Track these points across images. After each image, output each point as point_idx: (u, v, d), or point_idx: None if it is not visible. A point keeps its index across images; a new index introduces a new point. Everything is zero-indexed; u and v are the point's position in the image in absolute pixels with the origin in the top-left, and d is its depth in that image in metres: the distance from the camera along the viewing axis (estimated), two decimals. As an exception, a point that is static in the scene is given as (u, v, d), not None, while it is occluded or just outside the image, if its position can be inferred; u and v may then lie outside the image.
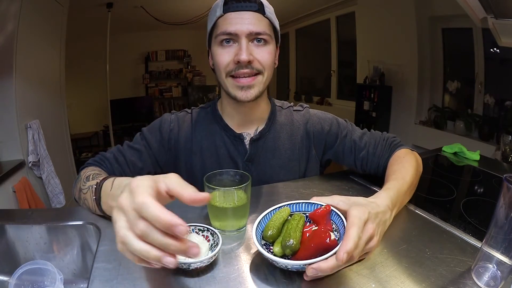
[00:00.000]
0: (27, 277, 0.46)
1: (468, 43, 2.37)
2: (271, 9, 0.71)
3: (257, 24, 0.66)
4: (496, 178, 0.87)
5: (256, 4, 0.67)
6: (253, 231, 0.45)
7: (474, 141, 2.36)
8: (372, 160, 0.75)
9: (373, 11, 3.17)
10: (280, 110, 0.81)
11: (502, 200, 0.38)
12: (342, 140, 0.78)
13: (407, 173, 0.64)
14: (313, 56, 4.77)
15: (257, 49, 0.67)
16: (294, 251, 0.43)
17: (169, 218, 0.31)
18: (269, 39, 0.68)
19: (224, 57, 0.67)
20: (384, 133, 0.79)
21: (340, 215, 0.46)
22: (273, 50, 0.70)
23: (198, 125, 0.77)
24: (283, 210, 0.49)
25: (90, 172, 0.62)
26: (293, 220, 0.46)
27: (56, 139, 2.29)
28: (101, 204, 0.54)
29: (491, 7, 1.56)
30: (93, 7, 3.26)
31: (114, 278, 0.43)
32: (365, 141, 0.77)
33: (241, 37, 0.65)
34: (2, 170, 1.57)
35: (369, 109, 3.20)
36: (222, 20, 0.66)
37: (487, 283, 0.41)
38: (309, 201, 0.51)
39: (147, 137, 0.75)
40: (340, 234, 0.45)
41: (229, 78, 0.68)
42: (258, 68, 0.67)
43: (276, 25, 0.72)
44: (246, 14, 0.66)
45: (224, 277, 0.43)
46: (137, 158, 0.73)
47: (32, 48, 1.85)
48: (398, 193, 0.57)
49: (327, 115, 0.83)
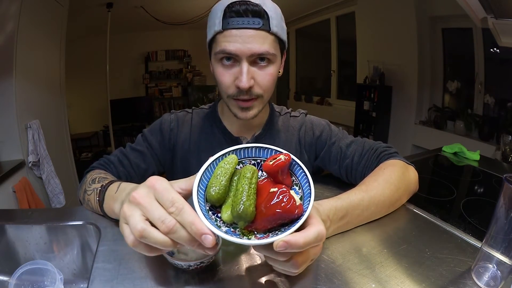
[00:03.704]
0: (27, 277, 0.46)
1: (468, 43, 2.37)
2: (279, 19, 0.62)
3: (261, 43, 0.59)
4: (496, 178, 0.88)
5: (261, 18, 0.59)
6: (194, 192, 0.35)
7: (474, 141, 2.36)
8: (356, 169, 0.69)
9: (373, 11, 3.17)
10: (278, 116, 0.81)
11: (502, 200, 0.38)
12: (330, 147, 0.75)
13: (379, 187, 0.56)
14: (313, 56, 4.77)
15: (259, 71, 0.62)
16: (249, 221, 0.34)
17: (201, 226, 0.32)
18: (273, 58, 0.63)
19: (225, 78, 0.63)
20: (378, 143, 0.72)
21: (302, 166, 0.38)
22: (276, 69, 0.65)
23: (197, 126, 0.78)
24: (228, 159, 0.38)
25: (96, 175, 0.62)
26: (244, 177, 0.36)
27: (56, 139, 2.29)
28: (103, 206, 0.54)
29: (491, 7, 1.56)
30: (93, 7, 3.26)
31: (114, 278, 0.43)
32: (352, 149, 0.71)
33: (242, 59, 0.59)
34: (2, 170, 1.57)
35: (369, 109, 3.20)
36: (221, 36, 0.60)
37: (487, 283, 0.41)
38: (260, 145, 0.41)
39: (149, 138, 0.76)
40: (303, 191, 0.37)
41: (231, 100, 0.66)
42: (257, 93, 0.64)
43: (284, 36, 0.65)
44: (248, 32, 0.58)
45: (224, 277, 0.43)
46: (140, 160, 0.73)
47: (32, 48, 1.85)
48: (348, 207, 0.51)
49: (321, 121, 0.80)
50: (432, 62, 2.76)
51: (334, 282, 0.42)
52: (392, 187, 0.58)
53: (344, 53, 3.92)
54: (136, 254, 0.48)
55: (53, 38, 2.22)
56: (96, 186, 0.57)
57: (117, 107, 4.34)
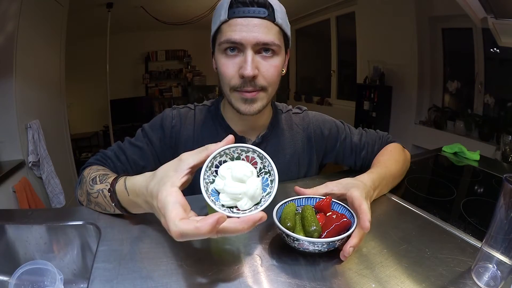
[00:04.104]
0: (27, 277, 0.46)
1: (468, 43, 2.37)
2: (283, 13, 0.64)
3: (266, 33, 0.59)
4: (496, 178, 0.87)
5: (266, 9, 0.59)
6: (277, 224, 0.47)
7: (474, 141, 2.36)
8: (371, 158, 0.80)
9: (373, 11, 3.17)
10: (281, 114, 0.80)
11: (502, 200, 0.38)
12: (342, 143, 0.81)
13: (391, 164, 0.72)
14: (313, 56, 4.77)
15: (263, 61, 0.62)
16: (319, 234, 0.47)
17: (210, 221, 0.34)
18: (278, 50, 0.62)
19: (229, 68, 0.62)
20: (378, 131, 0.85)
21: (339, 202, 0.54)
22: (281, 62, 0.65)
23: (200, 124, 0.75)
24: (290, 205, 0.53)
25: (94, 174, 0.60)
26: (307, 210, 0.51)
27: (56, 139, 2.29)
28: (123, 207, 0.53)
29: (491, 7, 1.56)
30: (93, 7, 3.26)
31: (114, 278, 0.43)
32: (364, 141, 0.81)
33: (247, 47, 0.59)
34: (2, 170, 1.57)
35: (369, 109, 3.20)
36: (227, 26, 0.60)
37: (487, 283, 0.41)
38: (309, 196, 0.57)
39: (149, 133, 0.73)
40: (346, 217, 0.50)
41: (234, 92, 0.64)
42: (261, 84, 0.63)
43: (288, 31, 0.66)
44: (254, 20, 0.59)
45: (224, 277, 0.43)
46: (138, 157, 0.71)
47: (32, 48, 1.85)
48: (380, 178, 0.65)
49: (325, 117, 0.83)
50: (432, 62, 2.75)
51: (334, 282, 0.42)
52: (399, 164, 0.75)
53: (344, 53, 3.92)
54: (136, 254, 0.48)
55: (53, 38, 2.22)
56: (100, 187, 0.56)
57: (117, 107, 4.34)
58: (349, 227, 0.47)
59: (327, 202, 0.53)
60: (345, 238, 0.45)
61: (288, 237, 0.45)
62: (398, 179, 0.75)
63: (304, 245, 0.45)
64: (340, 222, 0.47)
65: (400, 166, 0.75)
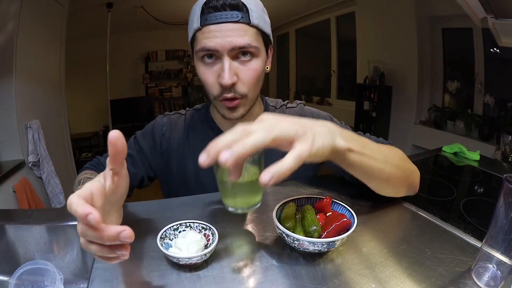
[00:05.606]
0: (27, 277, 0.46)
1: (468, 43, 2.37)
2: (260, 11, 0.60)
3: (242, 36, 0.57)
4: (496, 178, 0.88)
5: (239, 11, 0.57)
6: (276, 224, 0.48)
7: (474, 141, 2.36)
8: None
9: (373, 11, 3.17)
10: (273, 111, 0.77)
11: (502, 200, 0.38)
12: None
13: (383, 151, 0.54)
14: (313, 56, 4.77)
15: (242, 66, 0.60)
16: (319, 234, 0.47)
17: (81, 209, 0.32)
18: (256, 52, 0.60)
19: (208, 77, 0.61)
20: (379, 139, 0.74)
21: (340, 202, 0.53)
22: (261, 63, 0.62)
23: (191, 128, 0.75)
24: (290, 205, 0.54)
25: (82, 176, 0.63)
26: (307, 210, 0.51)
27: (56, 139, 2.29)
28: None
29: (491, 7, 1.56)
30: (93, 7, 3.26)
31: (114, 278, 0.43)
32: None
33: (223, 54, 0.57)
34: (2, 170, 1.57)
35: (369, 109, 3.20)
36: (200, 34, 0.58)
37: (487, 283, 0.41)
38: (309, 196, 0.57)
39: (140, 141, 0.75)
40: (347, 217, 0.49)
41: (217, 101, 0.64)
42: (241, 91, 0.61)
43: (267, 29, 0.63)
44: (227, 26, 0.56)
45: (224, 276, 0.43)
46: (130, 164, 0.71)
47: (32, 48, 1.85)
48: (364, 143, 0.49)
49: (321, 113, 0.78)
50: (432, 62, 2.76)
51: (334, 282, 0.42)
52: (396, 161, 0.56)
53: (344, 53, 3.92)
54: (136, 254, 0.48)
55: (53, 38, 2.22)
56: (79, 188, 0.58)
57: (117, 107, 4.35)
58: (349, 227, 0.47)
59: (327, 202, 0.54)
60: (345, 238, 0.46)
61: (288, 237, 0.45)
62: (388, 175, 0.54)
63: (304, 245, 0.45)
64: (340, 222, 0.47)
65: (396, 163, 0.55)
